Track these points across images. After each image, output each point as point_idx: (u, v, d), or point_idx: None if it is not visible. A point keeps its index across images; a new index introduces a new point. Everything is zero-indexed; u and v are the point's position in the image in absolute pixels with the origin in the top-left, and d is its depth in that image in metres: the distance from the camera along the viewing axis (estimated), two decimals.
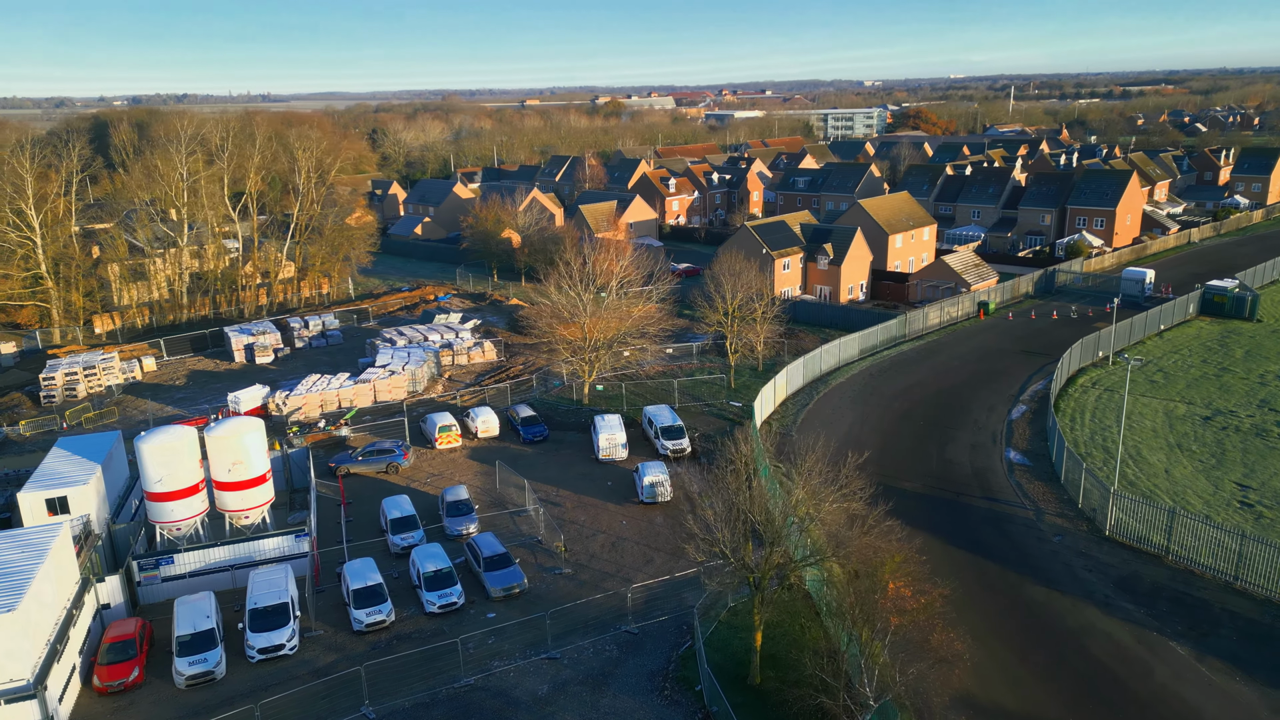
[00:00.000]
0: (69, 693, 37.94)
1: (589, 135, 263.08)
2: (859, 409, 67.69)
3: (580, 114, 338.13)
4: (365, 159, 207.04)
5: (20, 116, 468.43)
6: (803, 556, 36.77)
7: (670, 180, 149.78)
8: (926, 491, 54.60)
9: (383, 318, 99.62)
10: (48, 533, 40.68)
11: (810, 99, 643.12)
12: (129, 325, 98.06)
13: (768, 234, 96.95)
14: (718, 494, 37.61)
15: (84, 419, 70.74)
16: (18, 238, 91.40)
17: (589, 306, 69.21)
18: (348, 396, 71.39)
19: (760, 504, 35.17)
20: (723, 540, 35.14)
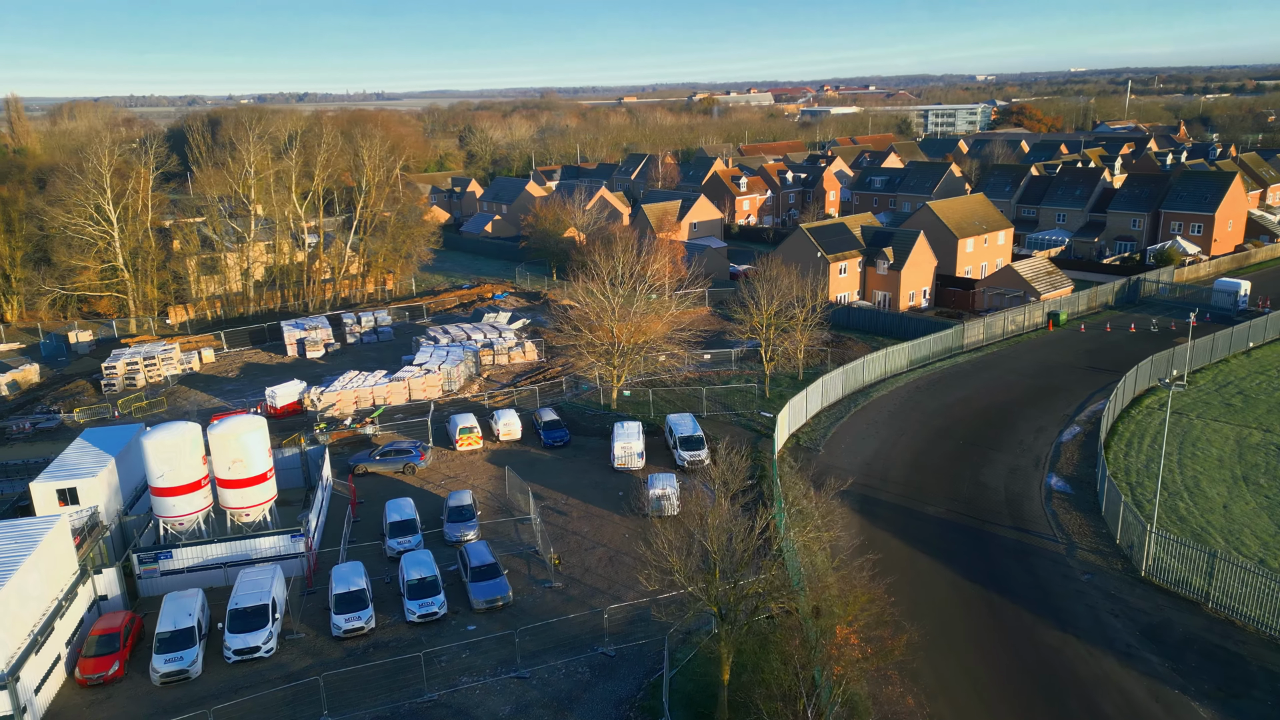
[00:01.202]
0: (50, 683, 38.82)
1: (674, 133, 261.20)
2: (895, 425, 64.21)
3: (667, 111, 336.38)
4: (452, 156, 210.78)
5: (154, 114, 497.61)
6: (765, 590, 34.39)
7: (741, 179, 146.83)
8: (950, 517, 51.12)
9: (437, 315, 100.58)
10: (43, 525, 41.83)
11: (914, 94, 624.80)
12: (199, 317, 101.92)
13: (824, 237, 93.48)
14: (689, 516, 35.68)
15: (134, 408, 73.47)
16: (96, 231, 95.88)
17: (616, 310, 67.66)
18: (382, 394, 71.98)
19: (719, 531, 32.99)
20: (676, 569, 33.18)
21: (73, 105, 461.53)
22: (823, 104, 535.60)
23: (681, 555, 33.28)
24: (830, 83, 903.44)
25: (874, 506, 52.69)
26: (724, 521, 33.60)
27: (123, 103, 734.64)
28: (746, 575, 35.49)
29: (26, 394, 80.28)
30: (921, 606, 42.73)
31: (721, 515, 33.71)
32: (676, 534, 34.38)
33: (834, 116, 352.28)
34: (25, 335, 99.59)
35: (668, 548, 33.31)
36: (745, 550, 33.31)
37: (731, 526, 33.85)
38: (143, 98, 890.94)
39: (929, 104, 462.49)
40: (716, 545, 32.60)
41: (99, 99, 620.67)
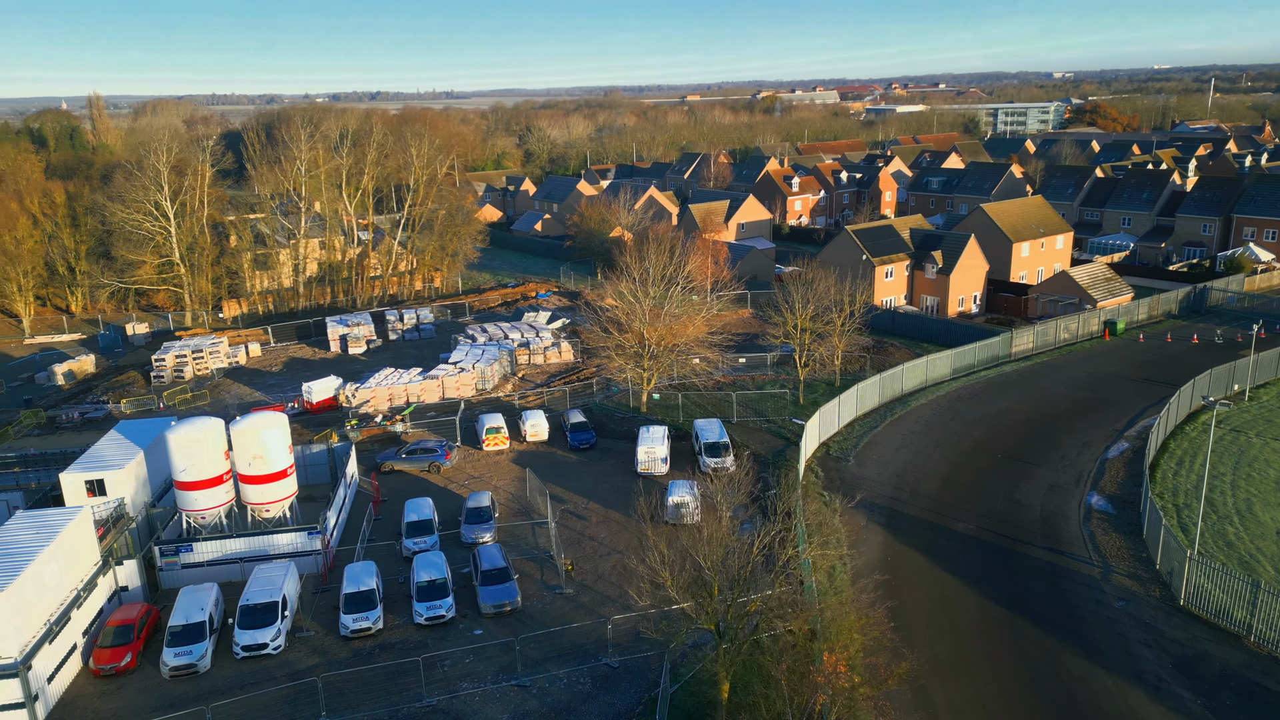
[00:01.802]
0: (64, 672, 39.63)
1: (732, 132, 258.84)
2: (931, 436, 62.06)
3: (726, 110, 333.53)
4: (509, 155, 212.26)
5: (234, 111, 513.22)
6: (765, 609, 33.19)
7: (793, 179, 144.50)
8: (980, 535, 49.06)
9: (480, 313, 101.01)
10: (64, 517, 42.78)
11: (986, 92, 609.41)
12: (251, 311, 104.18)
13: (870, 239, 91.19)
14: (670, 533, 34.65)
15: (177, 400, 75.21)
16: (153, 226, 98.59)
17: (647, 312, 66.75)
18: (416, 392, 72.38)
19: (713, 547, 31.90)
20: (669, 583, 32.21)
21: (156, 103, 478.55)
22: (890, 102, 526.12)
23: (675, 570, 32.29)
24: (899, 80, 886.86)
25: (900, 521, 50.89)
26: (720, 536, 32.48)
27: (206, 100, 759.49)
28: (748, 592, 34.37)
29: (81, 384, 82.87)
30: (940, 629, 41.03)
31: (719, 529, 32.61)
32: (671, 547, 33.37)
33: (898, 115, 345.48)
34: (87, 326, 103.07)
35: (660, 562, 32.35)
36: (743, 566, 32.18)
37: (729, 541, 32.73)
38: (224, 96, 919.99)
39: (1000, 102, 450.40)
40: (711, 561, 31.52)
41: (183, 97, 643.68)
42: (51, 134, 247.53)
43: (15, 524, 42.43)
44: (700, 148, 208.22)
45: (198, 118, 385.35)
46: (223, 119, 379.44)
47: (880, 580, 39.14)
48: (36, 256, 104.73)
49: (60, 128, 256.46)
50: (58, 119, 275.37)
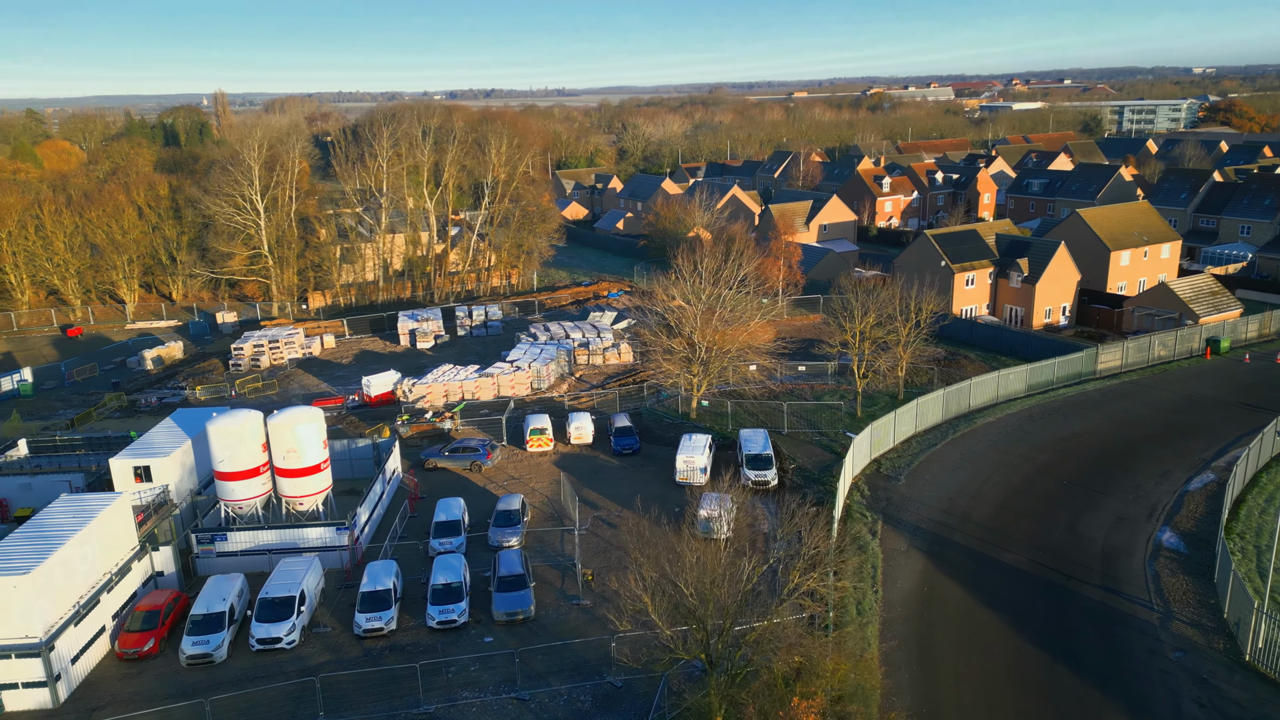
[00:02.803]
0: (91, 653, 40.96)
1: (831, 130, 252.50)
2: (993, 457, 58.29)
3: (827, 107, 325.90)
4: (602, 153, 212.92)
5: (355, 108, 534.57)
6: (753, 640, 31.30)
7: (884, 179, 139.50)
8: (1029, 568, 45.58)
9: (550, 311, 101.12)
10: (102, 502, 44.32)
11: (1115, 88, 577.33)
12: (334, 304, 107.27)
13: (951, 244, 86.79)
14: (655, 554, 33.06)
15: (248, 389, 77.77)
16: (243, 220, 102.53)
17: (698, 315, 65.01)
18: (471, 389, 72.74)
19: (696, 574, 30.25)
20: (650, 608, 30.71)
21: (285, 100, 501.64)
22: (1008, 99, 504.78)
23: (658, 594, 30.80)
24: (1021, 76, 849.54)
25: (944, 548, 47.82)
26: (707, 560, 30.79)
27: (333, 98, 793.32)
28: (744, 620, 32.63)
29: (168, 369, 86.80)
30: (969, 669, 38.17)
31: (708, 553, 30.93)
32: (656, 568, 31.88)
33: (1013, 113, 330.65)
34: (184, 314, 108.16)
35: (642, 586, 30.91)
36: (732, 597, 30.42)
37: (715, 569, 30.99)
38: (350, 94, 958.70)
39: (1128, 99, 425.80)
40: (694, 588, 29.90)
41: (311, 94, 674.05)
42: (182, 129, 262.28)
43: (57, 506, 44.23)
44: (796, 146, 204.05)
45: (318, 114, 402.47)
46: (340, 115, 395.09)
47: (908, 614, 36.51)
48: (141, 246, 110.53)
49: (191, 123, 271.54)
50: (189, 115, 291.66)
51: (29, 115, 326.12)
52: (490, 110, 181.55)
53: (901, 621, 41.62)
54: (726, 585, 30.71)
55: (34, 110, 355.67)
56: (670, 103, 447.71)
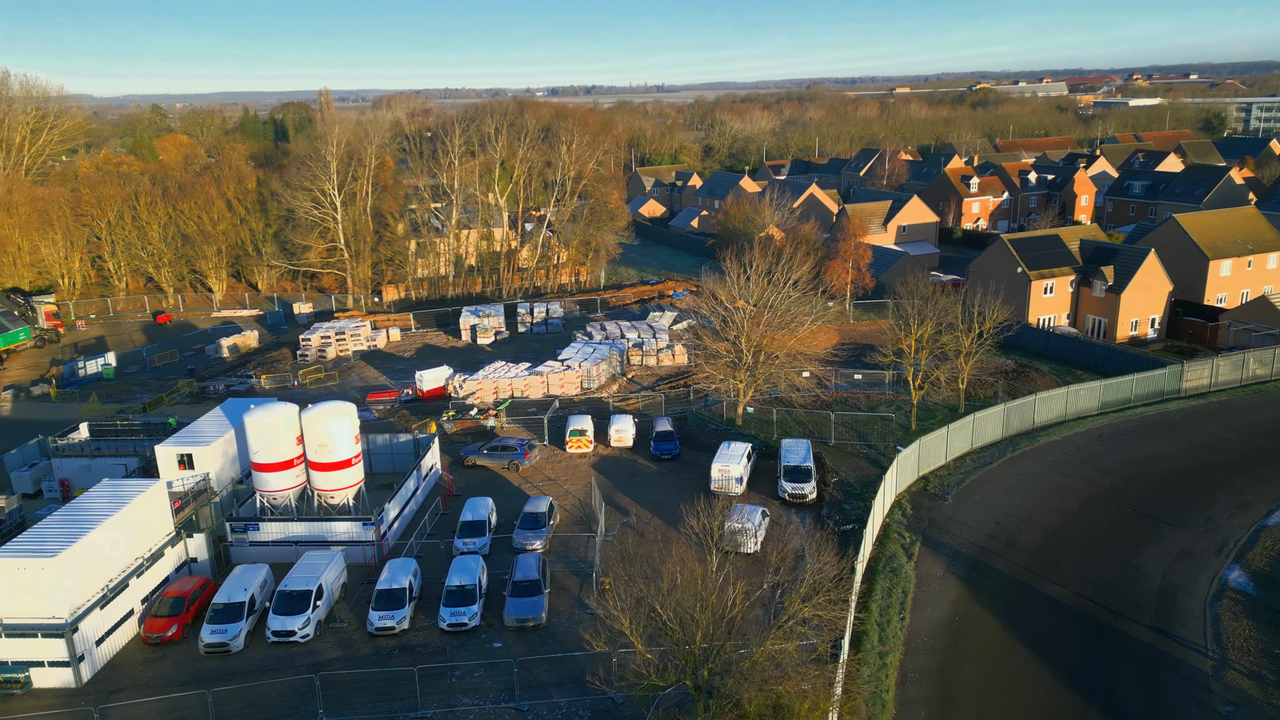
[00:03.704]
0: (117, 635, 42.21)
1: (926, 127, 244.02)
2: (1052, 479, 54.69)
3: (923, 104, 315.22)
4: (686, 150, 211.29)
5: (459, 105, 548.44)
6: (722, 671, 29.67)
7: (972, 179, 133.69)
8: (1073, 602, 42.42)
9: (613, 309, 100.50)
10: (139, 488, 45.70)
11: (1246, 84, 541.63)
12: (406, 297, 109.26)
13: (1029, 249, 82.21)
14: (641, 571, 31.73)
15: (309, 379, 79.66)
16: (320, 214, 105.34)
17: (746, 319, 63.12)
18: (520, 387, 72.69)
19: (677, 595, 28.86)
20: (628, 629, 29.46)
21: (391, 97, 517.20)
22: (1126, 94, 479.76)
23: (637, 616, 29.55)
24: (1143, 70, 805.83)
25: (984, 576, 44.99)
26: (689, 582, 29.38)
27: (440, 95, 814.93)
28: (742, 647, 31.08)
29: (242, 358, 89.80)
30: (992, 710, 35.65)
31: (693, 574, 29.53)
32: (633, 589, 30.62)
33: (1128, 110, 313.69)
34: (266, 304, 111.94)
35: (619, 607, 29.71)
36: (717, 622, 28.93)
37: (699, 589, 29.53)
38: (456, 90, 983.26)
39: (1261, 95, 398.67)
40: (674, 611, 28.55)
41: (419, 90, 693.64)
42: (291, 124, 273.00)
43: (96, 491, 45.84)
44: (888, 144, 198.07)
45: (420, 110, 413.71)
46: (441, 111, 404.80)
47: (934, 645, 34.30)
48: (229, 237, 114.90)
49: (299, 119, 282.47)
50: (297, 111, 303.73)
51: (154, 110, 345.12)
52: (565, 107, 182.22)
53: (925, 653, 39.28)
54: (710, 609, 29.20)
55: (159, 106, 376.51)
56: (766, 98, 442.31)
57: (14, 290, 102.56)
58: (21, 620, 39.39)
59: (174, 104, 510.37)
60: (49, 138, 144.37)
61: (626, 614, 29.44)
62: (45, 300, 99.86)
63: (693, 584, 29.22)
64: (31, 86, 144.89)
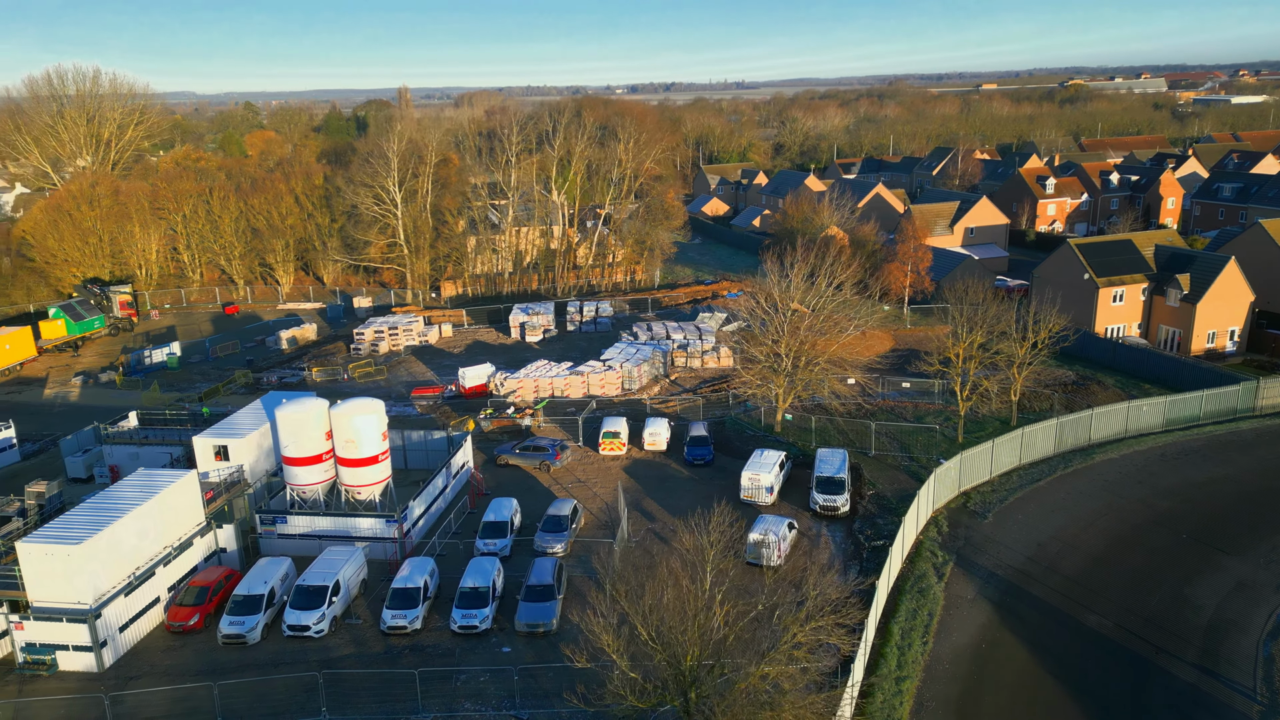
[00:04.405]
0: (142, 622, 43.15)
1: (1008, 125, 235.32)
2: (1103, 500, 51.64)
3: (1006, 100, 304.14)
4: (755, 148, 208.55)
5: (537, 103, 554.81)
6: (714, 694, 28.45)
7: (1049, 180, 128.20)
8: (1113, 634, 39.81)
9: (665, 309, 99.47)
10: (170, 478, 46.72)
11: None
12: (462, 293, 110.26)
13: (1098, 255, 78.14)
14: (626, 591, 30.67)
15: (358, 373, 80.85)
16: (380, 210, 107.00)
17: (786, 323, 61.37)
18: (560, 386, 72.35)
19: (657, 616, 27.78)
20: (610, 647, 28.51)
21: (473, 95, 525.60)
22: (1231, 91, 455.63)
23: (619, 633, 28.59)
24: (1251, 66, 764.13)
25: (1017, 601, 42.64)
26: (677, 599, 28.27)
27: (522, 92, 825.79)
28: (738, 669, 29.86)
29: (300, 350, 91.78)
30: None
31: (680, 592, 28.42)
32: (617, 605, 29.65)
33: (1230, 107, 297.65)
34: (330, 297, 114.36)
35: (600, 624, 28.78)
36: (699, 645, 27.77)
37: (690, 610, 28.39)
38: (538, 88, 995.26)
39: None
40: (653, 629, 27.51)
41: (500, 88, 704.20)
42: (372, 122, 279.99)
43: (130, 480, 47.05)
44: (966, 142, 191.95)
45: (498, 108, 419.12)
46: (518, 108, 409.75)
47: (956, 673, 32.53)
48: (297, 231, 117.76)
49: (380, 117, 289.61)
50: (379, 109, 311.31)
51: (247, 107, 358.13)
52: (623, 105, 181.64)
53: (946, 680, 37.34)
54: (698, 629, 28.08)
55: (252, 103, 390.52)
56: (845, 95, 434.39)
57: (94, 280, 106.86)
58: (49, 604, 40.58)
59: (270, 101, 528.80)
60: (135, 133, 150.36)
61: (610, 630, 28.51)
62: (121, 290, 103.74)
63: (680, 602, 28.13)
64: (120, 84, 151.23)
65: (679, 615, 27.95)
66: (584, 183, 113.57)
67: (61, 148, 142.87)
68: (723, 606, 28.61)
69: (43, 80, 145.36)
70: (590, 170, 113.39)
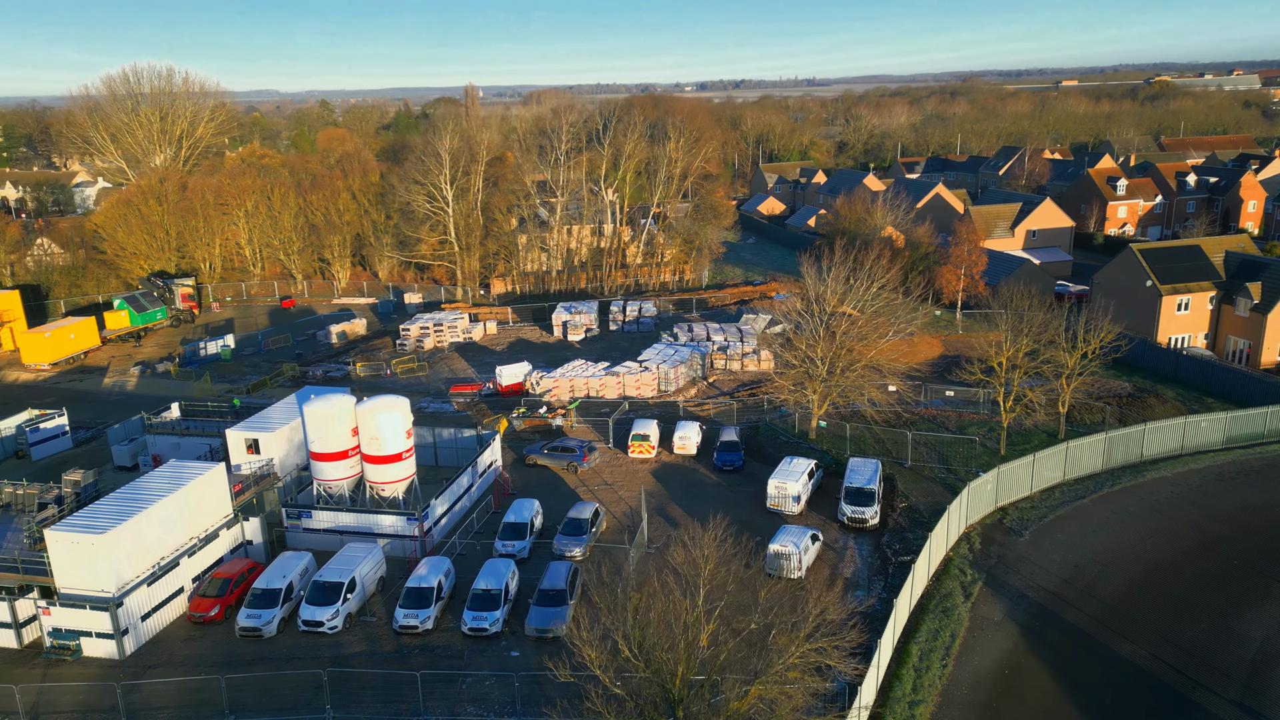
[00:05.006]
0: (165, 612, 43.95)
1: (1083, 123, 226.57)
2: (1150, 521, 48.94)
3: (1082, 97, 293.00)
4: (817, 146, 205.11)
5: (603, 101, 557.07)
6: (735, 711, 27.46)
7: (1120, 181, 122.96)
8: (1147, 665, 37.56)
9: (710, 310, 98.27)
10: (197, 471, 47.56)
11: None
12: (511, 291, 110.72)
13: (1162, 261, 74.42)
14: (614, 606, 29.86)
15: (400, 369, 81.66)
16: (431, 207, 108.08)
17: (822, 327, 59.75)
18: (596, 387, 71.90)
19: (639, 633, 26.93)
20: (593, 661, 27.75)
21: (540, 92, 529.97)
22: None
23: (604, 647, 27.84)
24: None
25: (1047, 625, 40.60)
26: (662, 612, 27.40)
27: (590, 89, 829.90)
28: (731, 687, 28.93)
29: (349, 344, 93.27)
30: None
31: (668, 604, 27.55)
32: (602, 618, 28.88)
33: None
34: (383, 292, 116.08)
35: (584, 636, 28.06)
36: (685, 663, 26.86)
37: (677, 627, 27.50)
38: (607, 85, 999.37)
39: None
40: (636, 645, 26.69)
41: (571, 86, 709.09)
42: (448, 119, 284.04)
43: (159, 472, 48.04)
44: (1036, 141, 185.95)
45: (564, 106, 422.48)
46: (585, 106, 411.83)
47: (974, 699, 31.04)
48: (353, 228, 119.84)
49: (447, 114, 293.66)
50: (447, 107, 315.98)
51: (322, 105, 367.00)
52: (675, 103, 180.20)
53: (962, 707, 35.70)
54: (685, 647, 27.18)
55: (327, 101, 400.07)
56: (917, 92, 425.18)
57: (159, 273, 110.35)
58: (75, 591, 41.63)
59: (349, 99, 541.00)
60: (205, 130, 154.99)
61: (593, 644, 27.79)
62: (184, 283, 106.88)
63: (667, 617, 27.28)
64: (192, 83, 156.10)
65: (664, 631, 27.07)
66: (636, 180, 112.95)
67: (136, 144, 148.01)
68: (711, 623, 27.62)
69: (120, 79, 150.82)
70: (643, 169, 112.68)
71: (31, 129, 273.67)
